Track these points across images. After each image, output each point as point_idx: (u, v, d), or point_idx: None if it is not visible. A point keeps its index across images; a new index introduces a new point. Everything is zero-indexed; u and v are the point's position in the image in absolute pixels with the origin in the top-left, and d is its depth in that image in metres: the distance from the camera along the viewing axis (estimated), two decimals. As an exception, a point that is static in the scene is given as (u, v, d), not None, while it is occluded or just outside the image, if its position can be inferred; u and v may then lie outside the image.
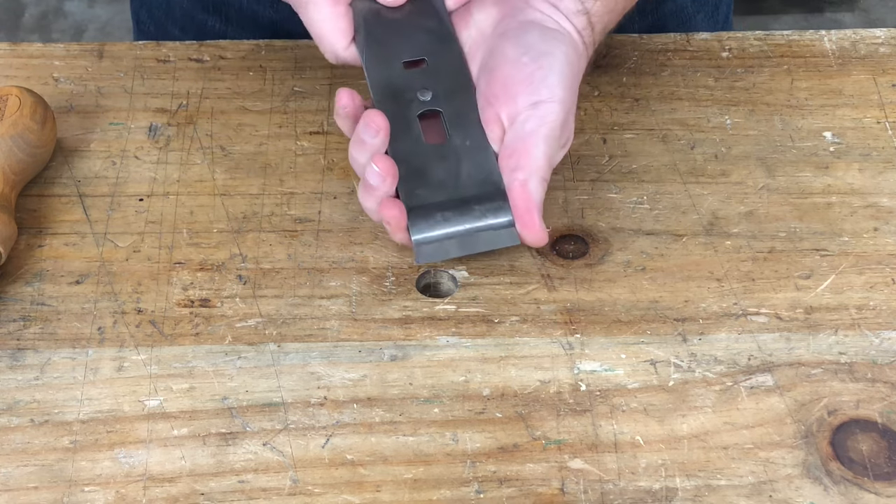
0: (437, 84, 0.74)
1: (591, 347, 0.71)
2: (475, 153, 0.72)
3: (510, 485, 0.65)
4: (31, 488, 0.65)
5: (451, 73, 0.75)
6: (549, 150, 0.71)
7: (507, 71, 0.73)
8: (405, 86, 0.74)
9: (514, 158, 0.71)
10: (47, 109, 0.79)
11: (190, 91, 0.85)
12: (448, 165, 0.72)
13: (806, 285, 0.74)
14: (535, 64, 0.72)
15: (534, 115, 0.71)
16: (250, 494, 0.65)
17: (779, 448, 0.67)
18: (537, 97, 0.71)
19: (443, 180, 0.72)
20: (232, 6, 0.95)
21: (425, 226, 0.71)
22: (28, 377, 0.70)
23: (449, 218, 0.71)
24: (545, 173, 0.71)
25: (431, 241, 0.71)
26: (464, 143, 0.73)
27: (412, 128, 0.73)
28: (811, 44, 0.89)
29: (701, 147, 0.82)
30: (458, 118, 0.73)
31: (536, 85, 0.72)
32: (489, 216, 0.71)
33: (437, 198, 0.71)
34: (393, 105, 0.74)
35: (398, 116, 0.73)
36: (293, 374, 0.70)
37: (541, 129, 0.71)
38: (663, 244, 0.76)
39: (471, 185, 0.72)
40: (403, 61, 0.75)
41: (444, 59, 0.75)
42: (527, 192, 0.71)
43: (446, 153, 0.73)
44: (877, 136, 0.83)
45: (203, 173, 0.80)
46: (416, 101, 0.74)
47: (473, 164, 0.72)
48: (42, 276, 0.74)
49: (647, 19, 0.96)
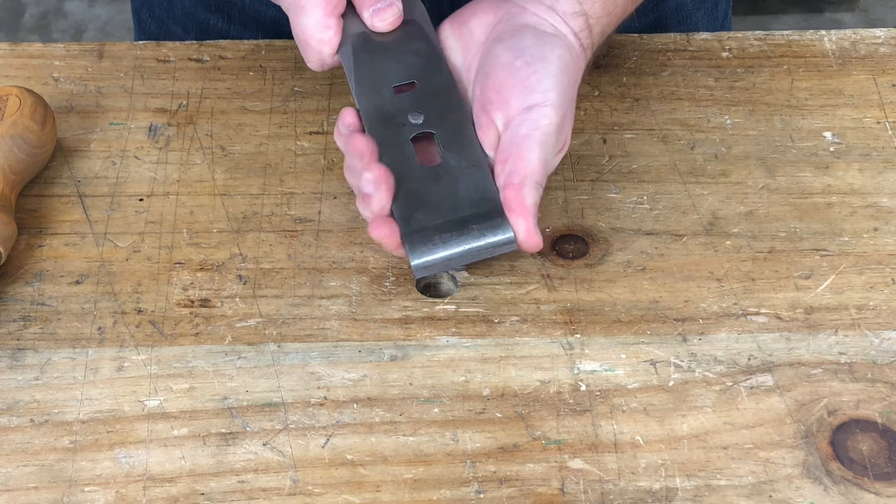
0: (429, 106, 0.74)
1: (591, 347, 0.71)
2: (470, 172, 0.72)
3: (510, 485, 0.65)
4: (31, 488, 0.65)
5: (441, 94, 0.74)
6: (543, 154, 0.71)
7: (501, 76, 0.73)
8: (396, 110, 0.74)
9: (508, 163, 0.71)
10: (47, 109, 0.79)
11: (190, 91, 0.85)
12: (443, 186, 0.72)
13: (806, 285, 0.74)
14: (529, 68, 0.72)
15: (528, 119, 0.71)
16: (250, 494, 0.65)
17: (779, 448, 0.67)
18: (531, 101, 0.71)
19: (439, 202, 0.71)
20: (234, 5, 0.95)
21: (424, 250, 0.71)
22: (28, 377, 0.70)
23: (447, 240, 0.71)
24: (540, 178, 0.71)
25: (430, 265, 0.71)
26: (459, 163, 0.72)
27: (405, 151, 0.73)
28: (811, 44, 0.89)
29: (701, 147, 0.82)
30: (451, 138, 0.73)
31: (530, 89, 0.71)
32: (488, 234, 0.71)
33: (434, 220, 0.71)
34: (385, 130, 0.73)
35: (391, 141, 0.73)
36: (293, 374, 0.70)
37: (534, 134, 0.71)
38: (663, 244, 0.76)
39: (467, 204, 0.71)
40: (394, 86, 0.75)
41: (434, 81, 0.75)
42: (521, 197, 0.70)
43: (441, 174, 0.72)
44: (877, 136, 0.83)
45: (203, 173, 0.80)
46: (408, 124, 0.74)
47: (469, 183, 0.72)
48: (42, 276, 0.74)
49: (648, 17, 0.96)
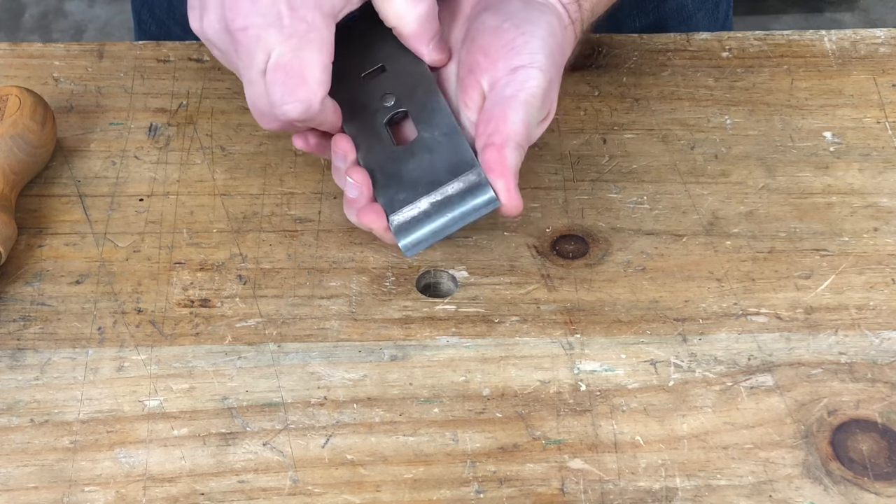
0: (399, 86, 0.74)
1: (591, 347, 0.71)
2: (444, 140, 0.72)
3: (510, 485, 0.65)
4: (31, 488, 0.65)
5: (409, 71, 0.74)
6: (527, 116, 0.69)
7: (487, 38, 0.71)
8: (369, 97, 0.74)
9: (491, 124, 0.70)
10: (47, 109, 0.79)
11: (190, 91, 0.85)
12: (420, 161, 0.72)
13: (806, 285, 0.74)
14: (516, 30, 0.71)
15: (513, 80, 0.70)
16: (250, 494, 0.65)
17: (779, 448, 0.67)
18: (518, 62, 0.70)
19: (418, 177, 0.72)
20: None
21: (410, 229, 0.71)
22: (28, 377, 0.70)
23: (430, 213, 0.71)
24: (522, 140, 0.70)
25: (419, 242, 0.71)
26: (432, 134, 0.72)
27: (382, 136, 0.73)
28: (811, 44, 0.89)
29: (701, 147, 0.82)
30: (423, 111, 0.73)
31: (517, 51, 0.70)
32: (468, 198, 0.70)
33: (415, 197, 0.71)
34: (360, 119, 0.74)
35: (367, 128, 0.73)
36: (293, 374, 0.70)
37: (519, 95, 0.69)
38: (663, 244, 0.76)
39: (445, 172, 0.71)
40: (363, 74, 0.75)
41: (401, 59, 0.75)
42: (502, 157, 0.69)
43: (416, 150, 0.72)
44: (877, 136, 0.83)
45: (203, 173, 0.80)
46: (381, 109, 0.74)
47: (444, 152, 0.72)
48: (42, 276, 0.74)
49: (649, 17, 0.96)
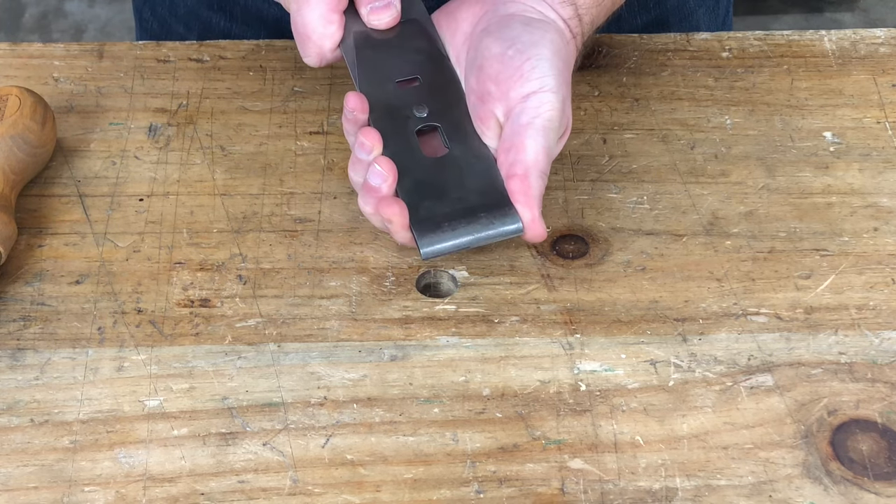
0: (432, 100, 0.74)
1: (591, 347, 0.71)
2: (475, 163, 0.72)
3: (510, 485, 0.65)
4: (31, 488, 0.65)
5: (444, 89, 0.74)
6: (545, 141, 0.70)
7: (496, 67, 0.72)
8: (401, 104, 0.74)
9: (511, 153, 0.71)
10: (47, 109, 0.79)
11: (190, 91, 0.85)
12: (450, 176, 0.72)
13: (806, 285, 0.74)
14: (522, 56, 0.71)
15: (527, 107, 0.70)
16: (250, 494, 0.65)
17: (779, 448, 0.67)
18: (528, 89, 0.71)
19: (446, 191, 0.71)
20: (237, 3, 0.95)
21: (434, 237, 0.70)
22: (28, 377, 0.70)
23: (456, 227, 0.70)
24: (544, 166, 0.70)
25: (439, 252, 0.70)
26: (464, 154, 0.72)
27: (411, 143, 0.73)
28: (811, 44, 0.89)
29: (701, 147, 0.82)
30: (455, 131, 0.73)
31: (527, 77, 0.71)
32: (497, 223, 0.70)
33: (442, 209, 0.71)
34: (390, 122, 0.73)
35: (396, 133, 0.73)
36: (293, 374, 0.70)
37: (536, 121, 0.70)
38: (663, 244, 0.76)
39: (475, 193, 0.71)
40: (397, 81, 0.75)
41: (437, 77, 0.75)
42: (526, 188, 0.70)
43: (447, 165, 0.72)
44: (877, 136, 0.83)
45: (203, 173, 0.80)
46: (412, 117, 0.73)
47: (475, 174, 0.72)
48: (42, 276, 0.74)
49: (650, 14, 0.96)
